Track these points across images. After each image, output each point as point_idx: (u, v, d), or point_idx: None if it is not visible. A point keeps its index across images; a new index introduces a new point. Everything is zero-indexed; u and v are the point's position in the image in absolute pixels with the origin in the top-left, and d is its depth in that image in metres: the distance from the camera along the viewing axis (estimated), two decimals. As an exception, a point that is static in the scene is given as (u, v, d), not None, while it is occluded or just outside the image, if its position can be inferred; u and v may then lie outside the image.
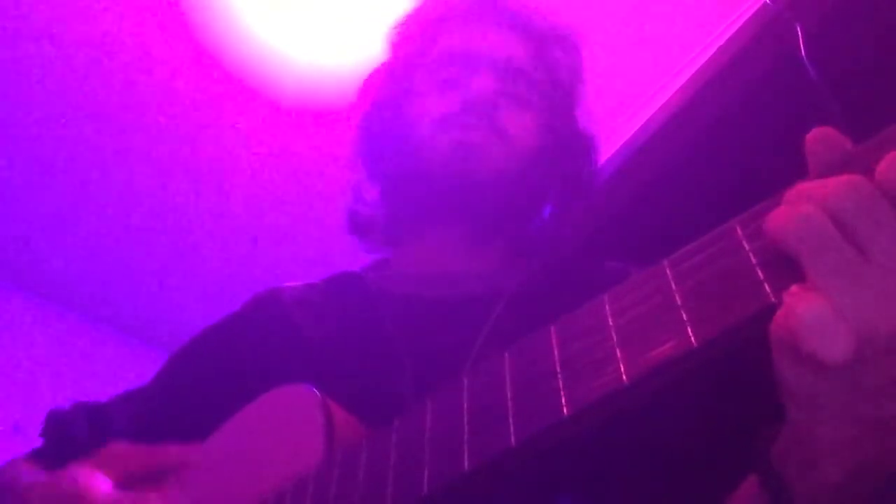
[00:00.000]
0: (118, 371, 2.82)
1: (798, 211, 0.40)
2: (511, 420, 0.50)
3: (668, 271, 0.46)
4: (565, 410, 0.47)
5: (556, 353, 0.50)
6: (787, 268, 0.41)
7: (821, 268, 0.39)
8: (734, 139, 1.79)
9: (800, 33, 1.58)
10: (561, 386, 0.48)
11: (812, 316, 0.38)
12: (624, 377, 0.45)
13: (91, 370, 2.90)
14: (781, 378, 0.42)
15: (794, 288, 0.40)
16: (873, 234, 0.39)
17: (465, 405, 0.54)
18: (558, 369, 0.49)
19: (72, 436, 0.87)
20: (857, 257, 0.39)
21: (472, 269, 0.90)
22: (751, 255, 0.43)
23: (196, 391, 0.88)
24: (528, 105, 0.96)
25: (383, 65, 1.09)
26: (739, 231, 0.44)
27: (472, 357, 0.75)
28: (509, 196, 0.90)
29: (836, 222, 0.39)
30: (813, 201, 0.40)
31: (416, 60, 1.02)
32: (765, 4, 1.70)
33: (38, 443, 0.91)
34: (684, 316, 0.44)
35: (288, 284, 0.96)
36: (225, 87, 2.28)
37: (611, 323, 0.47)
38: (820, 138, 0.43)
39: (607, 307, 0.48)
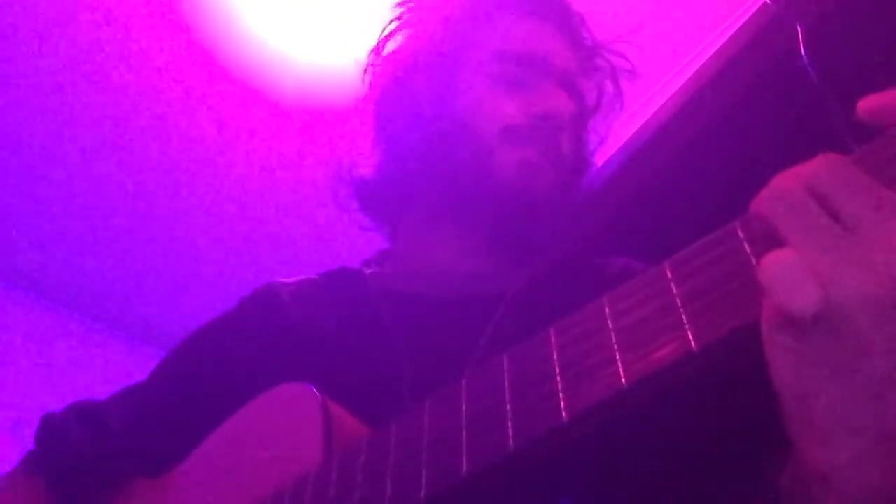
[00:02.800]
0: (118, 371, 2.82)
1: (775, 184, 0.41)
2: (510, 424, 0.49)
3: (668, 273, 0.46)
4: (564, 415, 0.46)
5: (555, 355, 0.50)
6: None
7: (794, 230, 0.39)
8: (734, 139, 1.79)
9: (800, 33, 1.58)
10: (560, 389, 0.48)
11: (779, 264, 0.38)
12: (623, 381, 0.44)
13: (91, 370, 2.90)
14: (771, 367, 0.40)
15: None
16: (849, 203, 0.39)
17: (464, 408, 0.53)
18: (557, 372, 0.49)
19: (65, 439, 0.86)
20: (833, 226, 0.39)
21: (474, 269, 0.89)
22: (752, 257, 0.42)
23: (194, 389, 0.88)
24: (576, 126, 0.94)
25: (411, 36, 1.02)
26: (741, 233, 0.44)
27: (473, 358, 0.74)
28: (545, 217, 0.89)
29: (812, 193, 0.40)
30: (789, 176, 0.41)
31: (467, 44, 0.95)
32: (765, 4, 1.70)
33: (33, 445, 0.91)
34: (685, 319, 0.43)
35: (285, 280, 0.94)
36: (225, 87, 2.28)
37: (610, 326, 0.47)
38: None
39: (607, 309, 0.48)
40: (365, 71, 1.03)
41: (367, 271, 0.93)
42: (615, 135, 1.95)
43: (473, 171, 0.88)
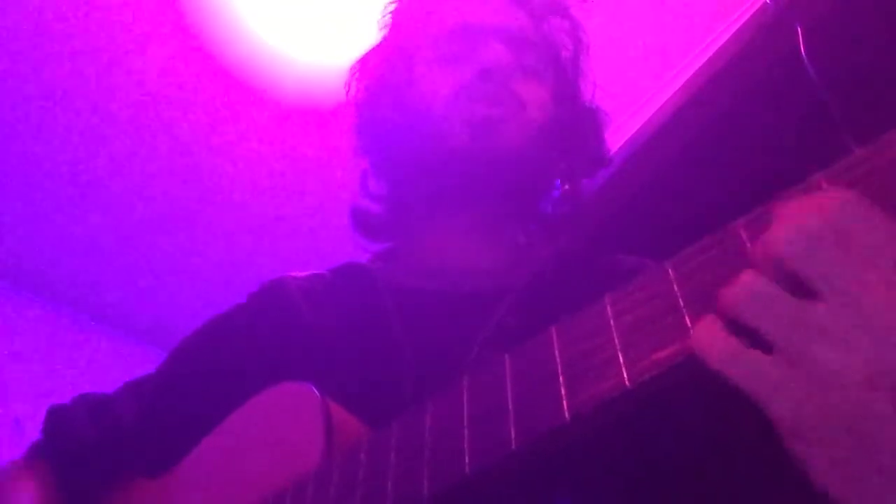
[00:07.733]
0: (118, 371, 2.81)
1: (740, 284, 0.40)
2: (512, 423, 0.49)
3: (670, 273, 0.46)
4: (567, 415, 0.46)
5: (557, 355, 0.49)
6: None
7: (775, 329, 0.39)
8: (734, 139, 1.79)
9: (800, 33, 1.58)
10: (562, 389, 0.48)
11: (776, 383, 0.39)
12: (626, 381, 0.44)
13: (91, 369, 2.90)
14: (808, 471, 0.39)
15: None
16: (821, 274, 0.39)
17: (466, 407, 0.53)
18: (560, 372, 0.49)
19: (73, 431, 0.86)
20: (808, 304, 0.39)
21: (480, 265, 0.90)
22: (753, 257, 0.42)
23: (201, 383, 0.88)
24: (539, 76, 0.94)
25: (377, 47, 1.06)
26: (742, 233, 0.44)
27: (473, 353, 0.74)
28: (525, 173, 0.89)
29: (777, 279, 0.40)
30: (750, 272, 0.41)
31: (416, 38, 0.98)
32: (765, 4, 1.70)
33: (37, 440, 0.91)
34: (687, 319, 0.43)
35: (294, 274, 0.95)
36: (225, 87, 2.28)
37: (613, 325, 0.47)
38: None
39: (609, 309, 0.48)
40: (347, 86, 1.06)
41: (375, 267, 0.93)
42: (615, 135, 1.96)
43: (435, 150, 0.88)
